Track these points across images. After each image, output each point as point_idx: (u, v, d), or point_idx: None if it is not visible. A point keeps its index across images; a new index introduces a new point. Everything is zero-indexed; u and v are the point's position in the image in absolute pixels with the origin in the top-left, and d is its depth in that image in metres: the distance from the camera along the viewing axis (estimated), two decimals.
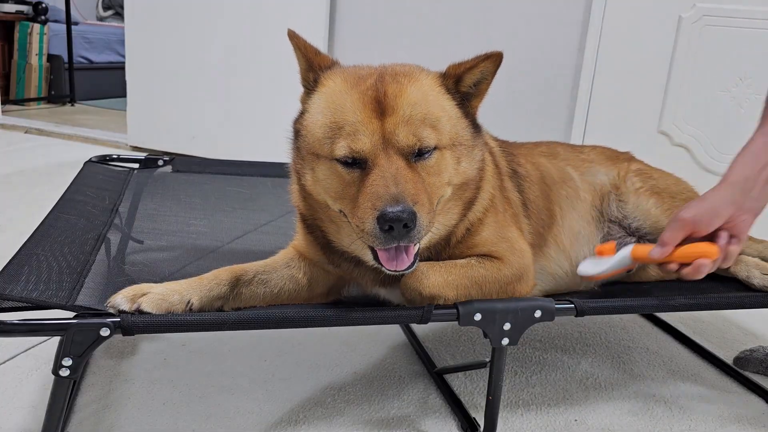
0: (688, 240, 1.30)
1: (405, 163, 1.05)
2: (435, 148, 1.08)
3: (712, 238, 1.30)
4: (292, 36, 1.18)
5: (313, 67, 1.18)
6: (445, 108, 1.12)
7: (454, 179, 1.14)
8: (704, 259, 1.26)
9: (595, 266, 1.41)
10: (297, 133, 1.18)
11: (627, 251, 1.38)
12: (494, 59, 1.13)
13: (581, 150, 1.74)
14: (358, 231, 1.04)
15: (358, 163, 1.06)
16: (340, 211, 1.11)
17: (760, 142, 1.30)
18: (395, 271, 1.08)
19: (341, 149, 1.05)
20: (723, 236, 1.28)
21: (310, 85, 1.18)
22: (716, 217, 1.27)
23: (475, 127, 1.18)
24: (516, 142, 1.68)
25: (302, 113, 1.18)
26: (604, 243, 1.47)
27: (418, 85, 1.11)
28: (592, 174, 1.64)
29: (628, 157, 1.74)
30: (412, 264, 1.09)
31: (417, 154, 1.06)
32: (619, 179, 1.62)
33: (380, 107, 1.06)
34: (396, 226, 0.98)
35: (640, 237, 1.61)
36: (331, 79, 1.14)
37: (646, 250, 1.34)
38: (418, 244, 1.09)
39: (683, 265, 1.30)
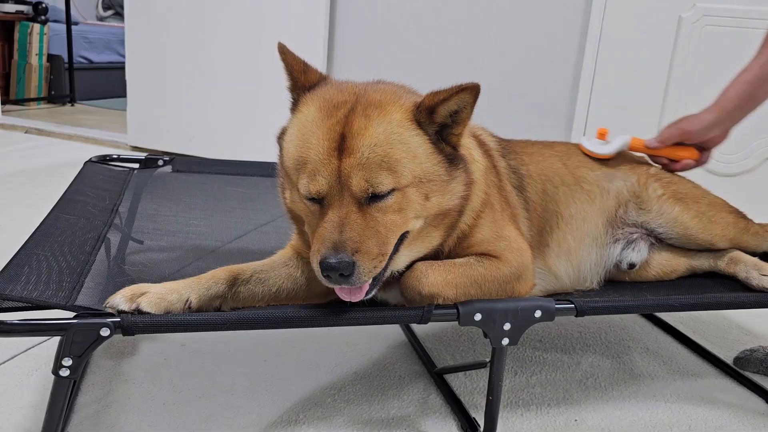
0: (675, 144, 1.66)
1: (356, 207, 1.06)
2: (393, 190, 1.08)
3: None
4: (282, 51, 1.19)
5: (297, 86, 1.20)
6: (411, 146, 1.10)
7: (422, 213, 1.13)
8: (690, 159, 1.66)
9: (600, 147, 1.67)
10: (280, 149, 1.20)
11: (626, 138, 1.67)
12: (470, 91, 1.09)
13: None
14: (312, 265, 1.07)
15: (318, 200, 1.09)
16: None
17: (753, 72, 1.58)
18: (350, 300, 1.11)
19: (303, 187, 1.09)
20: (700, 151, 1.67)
21: (292, 105, 1.20)
22: (707, 134, 1.63)
23: (452, 161, 1.15)
24: (524, 141, 1.67)
25: (284, 131, 1.19)
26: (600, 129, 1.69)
27: (385, 121, 1.09)
28: (609, 179, 1.62)
29: (644, 160, 1.72)
30: (369, 293, 1.12)
31: (371, 198, 1.07)
32: (640, 186, 1.60)
33: (342, 145, 1.06)
34: (332, 275, 1.03)
35: (667, 243, 1.64)
36: (307, 105, 1.15)
37: (642, 141, 1.68)
38: (372, 280, 1.10)
39: (671, 161, 1.67)
